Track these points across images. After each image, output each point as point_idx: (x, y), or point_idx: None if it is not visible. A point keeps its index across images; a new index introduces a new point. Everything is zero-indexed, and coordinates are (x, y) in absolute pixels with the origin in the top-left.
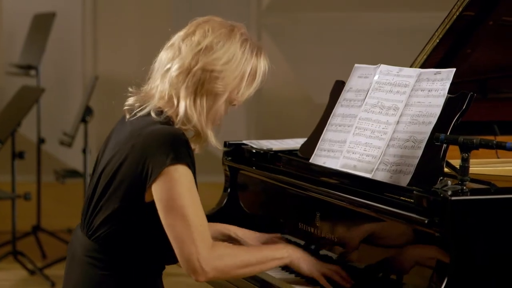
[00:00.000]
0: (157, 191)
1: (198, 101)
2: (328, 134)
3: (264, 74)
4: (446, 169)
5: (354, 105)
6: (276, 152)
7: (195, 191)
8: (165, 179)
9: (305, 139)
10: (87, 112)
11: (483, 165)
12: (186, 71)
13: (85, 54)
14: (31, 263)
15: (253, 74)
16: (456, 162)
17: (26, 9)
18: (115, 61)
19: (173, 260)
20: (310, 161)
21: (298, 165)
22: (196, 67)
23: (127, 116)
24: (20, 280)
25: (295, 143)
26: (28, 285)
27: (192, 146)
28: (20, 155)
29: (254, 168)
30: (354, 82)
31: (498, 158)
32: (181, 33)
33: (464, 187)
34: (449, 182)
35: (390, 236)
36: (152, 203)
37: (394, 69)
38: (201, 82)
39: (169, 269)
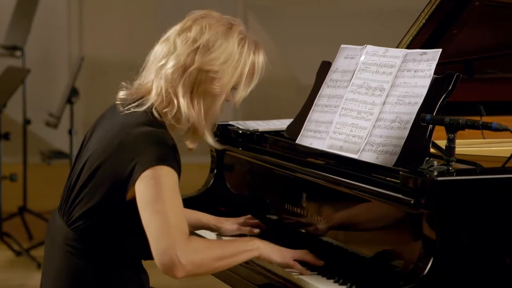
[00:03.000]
0: (140, 188)
1: (195, 101)
2: (314, 115)
3: (262, 71)
4: (432, 150)
5: (340, 86)
6: (263, 133)
7: (177, 193)
8: (149, 178)
9: (291, 120)
10: (73, 93)
11: (469, 146)
12: (181, 69)
13: (71, 35)
14: (17, 244)
15: (251, 73)
16: (442, 143)
17: None
18: (101, 42)
19: (149, 256)
20: (297, 142)
21: (285, 146)
22: (193, 67)
23: (120, 109)
24: (6, 261)
25: (282, 124)
26: (14, 266)
27: (188, 142)
28: (6, 136)
29: (240, 149)
30: (341, 63)
31: (484, 138)
32: (177, 27)
33: (450, 168)
34: (435, 163)
35: (376, 217)
36: (133, 201)
37: (381, 49)
38: (197, 82)
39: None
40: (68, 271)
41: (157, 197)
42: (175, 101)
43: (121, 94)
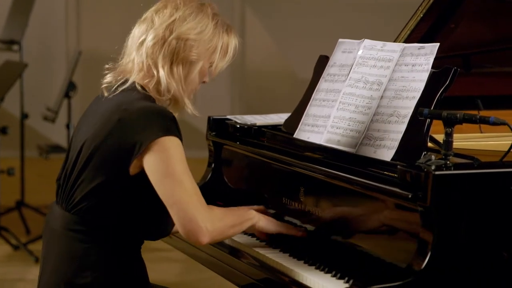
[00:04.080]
0: (150, 161)
1: (175, 70)
2: (312, 109)
3: (235, 51)
4: (429, 144)
5: (338, 80)
6: (260, 127)
7: (186, 162)
8: (158, 149)
9: (289, 114)
10: (71, 87)
11: (466, 140)
12: (161, 41)
13: (69, 29)
14: (15, 238)
15: (224, 49)
16: (440, 137)
17: None
18: (98, 36)
19: (152, 236)
20: (294, 136)
21: (282, 140)
22: (171, 37)
23: (106, 94)
24: (4, 256)
25: (279, 118)
26: (12, 260)
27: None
28: (3, 131)
29: (238, 143)
30: (338, 57)
31: (482, 132)
32: (152, 9)
33: (448, 162)
34: (433, 157)
35: (373, 211)
36: (137, 176)
37: (378, 44)
38: (176, 51)
39: (152, 243)
40: (69, 256)
41: (172, 168)
42: (155, 72)
43: (107, 78)
